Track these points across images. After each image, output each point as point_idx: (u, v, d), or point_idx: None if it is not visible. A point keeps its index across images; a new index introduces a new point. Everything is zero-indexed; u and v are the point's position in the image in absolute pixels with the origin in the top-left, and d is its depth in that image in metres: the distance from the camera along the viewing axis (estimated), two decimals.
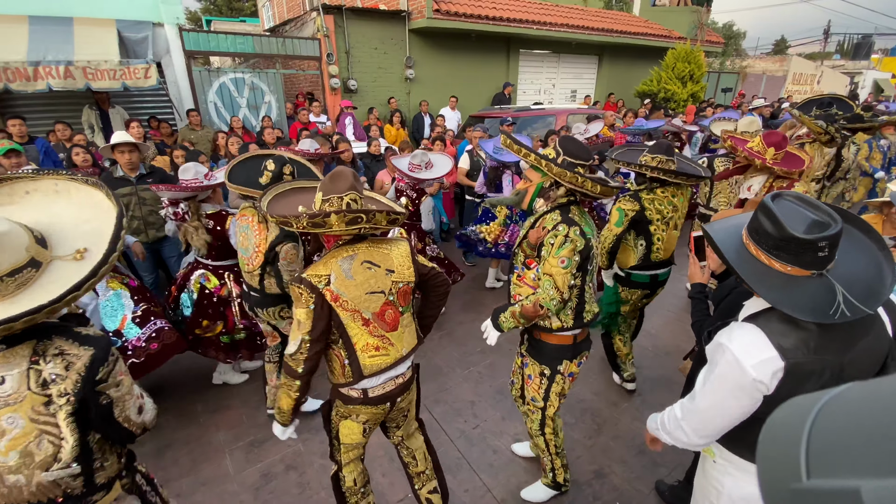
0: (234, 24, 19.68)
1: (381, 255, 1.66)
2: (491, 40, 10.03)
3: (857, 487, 0.29)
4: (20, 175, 1.26)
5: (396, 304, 1.69)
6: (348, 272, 1.59)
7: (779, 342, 1.07)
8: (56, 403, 1.11)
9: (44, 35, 5.84)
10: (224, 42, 7.50)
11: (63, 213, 1.25)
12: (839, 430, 0.34)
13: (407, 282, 1.72)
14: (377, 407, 1.76)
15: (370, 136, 6.45)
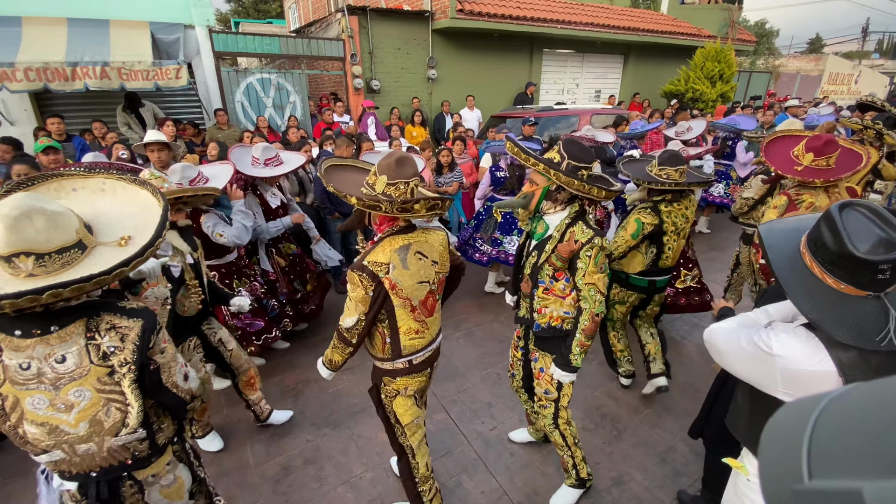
0: (261, 25, 20.11)
1: (428, 246, 1.74)
2: (514, 40, 9.97)
3: (860, 488, 0.29)
4: (72, 172, 1.32)
5: (436, 292, 1.81)
6: (405, 262, 1.67)
7: (838, 357, 0.99)
8: (119, 372, 1.21)
9: (82, 37, 6.08)
10: (252, 43, 7.66)
11: (107, 209, 1.30)
12: (841, 431, 0.34)
13: (445, 272, 1.84)
14: (422, 374, 1.87)
15: (391, 135, 6.49)
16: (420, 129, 7.84)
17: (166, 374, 1.32)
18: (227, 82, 7.40)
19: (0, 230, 1.04)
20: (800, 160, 2.81)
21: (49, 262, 1.09)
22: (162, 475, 1.40)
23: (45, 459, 1.23)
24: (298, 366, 3.48)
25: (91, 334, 1.18)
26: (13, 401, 1.14)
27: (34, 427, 1.17)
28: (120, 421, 1.23)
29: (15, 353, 1.12)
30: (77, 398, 1.17)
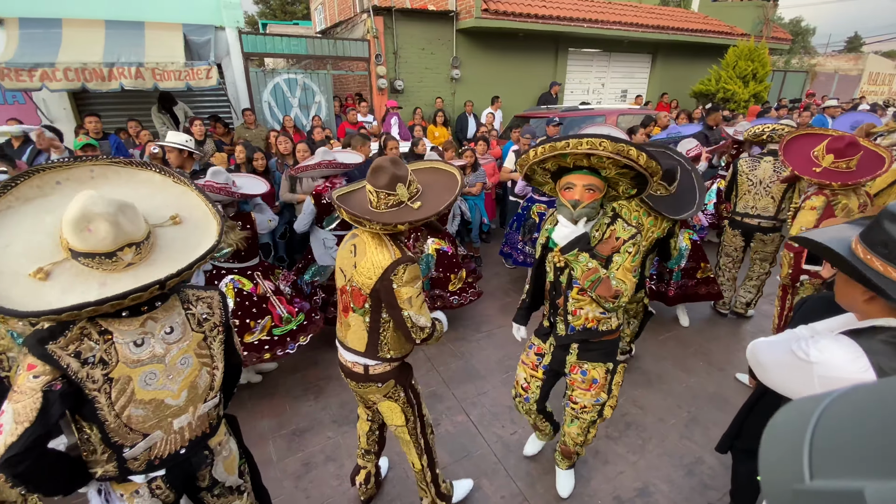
0: (288, 26, 20.49)
1: (363, 248, 1.69)
2: (539, 39, 9.87)
3: (861, 488, 0.28)
4: (52, 165, 1.24)
5: (350, 297, 1.76)
6: (343, 243, 1.81)
7: (879, 363, 0.96)
8: (210, 336, 1.34)
9: (118, 38, 6.30)
10: (279, 44, 7.80)
11: (116, 194, 1.23)
12: (843, 431, 0.34)
13: (359, 287, 1.70)
14: (340, 369, 1.95)
15: (414, 136, 6.50)
16: (442, 129, 7.84)
17: (234, 337, 1.48)
18: (255, 82, 7.55)
19: (104, 228, 1.08)
20: (819, 161, 2.71)
21: (143, 248, 1.17)
22: (224, 444, 1.48)
23: (142, 447, 1.24)
24: (320, 363, 3.51)
25: (186, 305, 1.31)
26: (125, 381, 1.18)
27: (140, 408, 1.21)
28: (208, 385, 1.35)
29: (127, 331, 1.18)
30: (182, 365, 1.28)
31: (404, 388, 1.90)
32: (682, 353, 3.57)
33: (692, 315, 4.09)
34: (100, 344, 1.14)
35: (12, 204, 1.19)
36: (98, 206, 1.08)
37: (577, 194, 1.68)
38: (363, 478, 2.26)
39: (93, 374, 1.13)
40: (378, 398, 1.90)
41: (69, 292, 1.07)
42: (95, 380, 1.13)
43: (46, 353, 1.08)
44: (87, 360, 1.12)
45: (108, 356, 1.15)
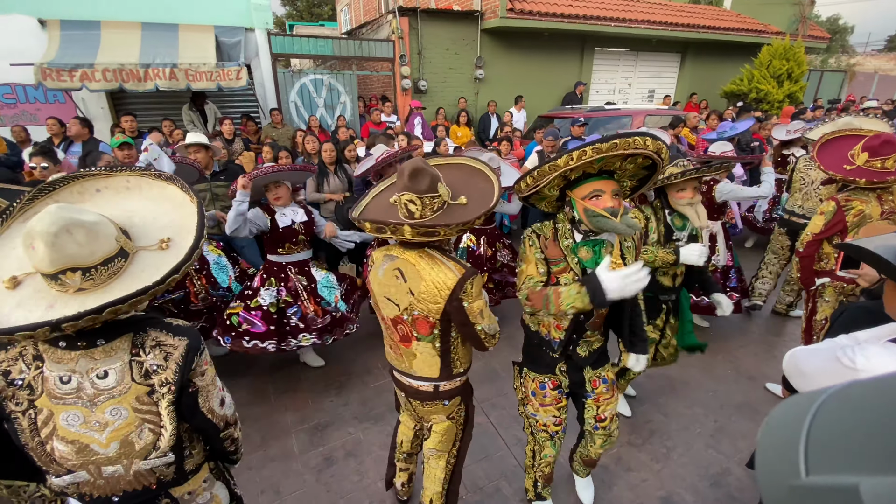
0: (314, 28, 20.83)
1: (414, 272, 1.53)
2: (565, 38, 9.76)
3: (856, 484, 0.29)
4: (93, 173, 1.26)
5: (412, 326, 1.60)
6: (381, 270, 1.63)
7: None
8: (158, 392, 1.14)
9: (153, 40, 6.53)
10: (306, 45, 7.94)
11: (137, 208, 1.25)
12: (838, 427, 0.34)
13: (425, 315, 1.55)
14: (399, 389, 1.86)
15: (437, 136, 6.52)
16: (465, 129, 7.84)
17: (203, 398, 1.23)
18: (283, 83, 7.70)
19: (42, 249, 0.99)
20: (854, 160, 2.62)
21: (96, 274, 1.05)
22: (198, 493, 1.33)
23: (67, 481, 1.14)
24: (343, 360, 3.56)
25: (136, 350, 1.13)
26: (47, 415, 1.09)
27: (63, 444, 1.10)
28: (151, 444, 1.17)
29: (57, 364, 1.08)
30: (113, 417, 1.12)
31: (466, 405, 1.86)
32: (709, 360, 3.48)
33: (721, 322, 3.98)
34: (31, 369, 1.08)
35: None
36: (41, 224, 0.99)
37: (610, 201, 1.55)
38: (406, 478, 2.24)
39: (18, 396, 1.07)
40: (440, 418, 1.80)
41: (21, 307, 1.03)
42: (19, 402, 1.08)
43: None
44: (13, 381, 1.07)
45: (35, 383, 1.08)
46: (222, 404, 1.31)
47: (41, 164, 3.27)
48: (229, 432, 1.35)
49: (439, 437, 1.86)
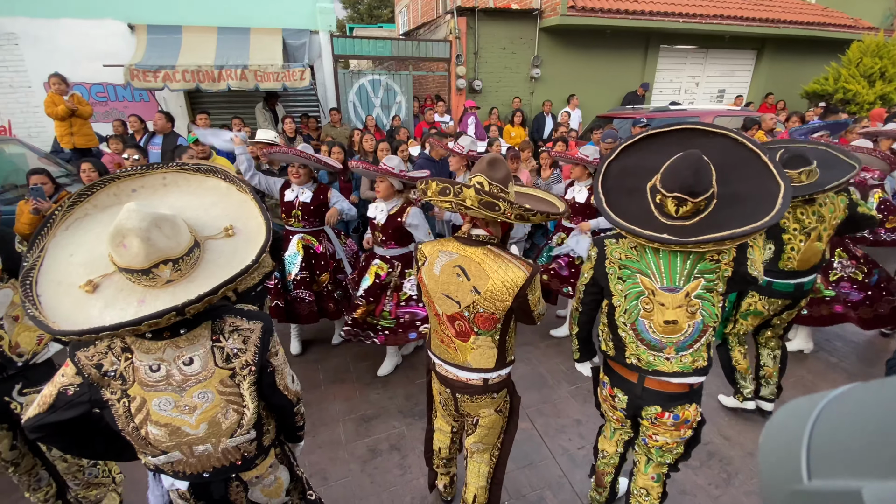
0: (373, 30, 21.40)
1: (478, 270, 1.54)
2: (627, 36, 9.37)
3: (859, 489, 0.28)
4: (128, 173, 1.27)
5: (472, 323, 1.61)
6: (438, 266, 1.63)
7: None
8: (240, 375, 1.21)
9: (227, 43, 6.97)
10: (366, 46, 8.16)
11: (182, 203, 1.26)
12: (841, 431, 0.33)
13: (490, 312, 1.56)
14: (439, 383, 1.84)
15: (490, 136, 6.47)
16: (519, 129, 7.73)
17: (279, 377, 1.31)
18: (343, 83, 7.96)
19: (136, 245, 1.03)
20: None
21: (183, 265, 1.10)
22: (264, 476, 1.40)
23: (162, 461, 1.22)
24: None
25: (216, 336, 1.19)
26: (140, 402, 1.15)
27: (157, 428, 1.17)
28: (236, 423, 1.24)
29: (146, 355, 1.14)
30: (201, 400, 1.18)
31: (512, 397, 1.86)
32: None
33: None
34: (121, 361, 1.14)
35: (89, 212, 1.22)
36: (131, 221, 1.03)
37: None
38: (448, 481, 2.25)
39: (112, 386, 1.14)
40: (488, 412, 1.80)
41: (110, 307, 1.07)
42: (114, 391, 1.15)
43: (75, 359, 1.14)
44: (106, 373, 1.14)
45: (126, 374, 1.14)
46: (293, 381, 1.40)
47: (133, 155, 3.58)
48: (299, 408, 1.44)
49: (485, 432, 1.85)
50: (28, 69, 6.84)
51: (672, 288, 1.56)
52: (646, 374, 1.66)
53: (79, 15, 6.76)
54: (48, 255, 1.14)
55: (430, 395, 2.04)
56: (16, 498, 2.30)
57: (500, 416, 1.83)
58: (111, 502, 2.12)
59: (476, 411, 1.81)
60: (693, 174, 1.44)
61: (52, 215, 1.19)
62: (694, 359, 1.62)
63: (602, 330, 1.80)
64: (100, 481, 2.06)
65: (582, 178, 3.58)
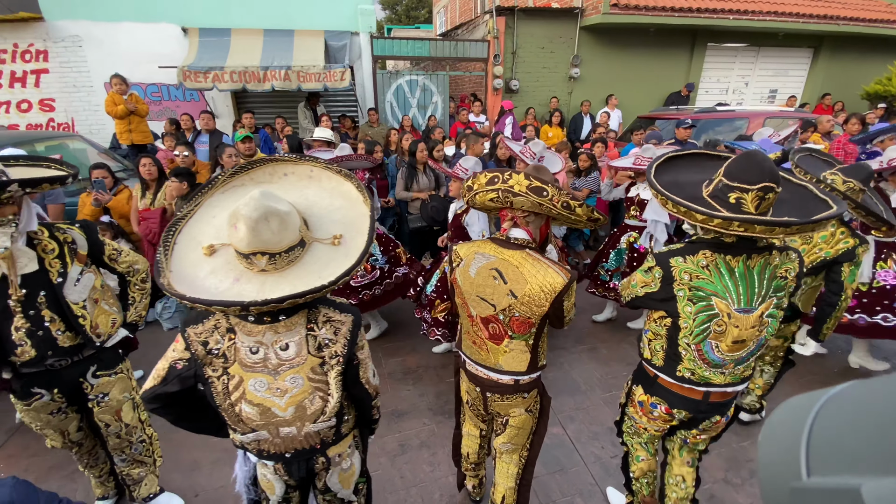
0: (411, 30, 21.61)
1: (516, 274, 1.53)
2: (672, 34, 9.07)
3: (858, 486, 0.28)
4: (284, 158, 1.38)
5: (507, 326, 1.59)
6: (474, 269, 1.61)
7: None
8: (328, 364, 1.26)
9: (273, 45, 7.22)
10: (405, 47, 8.26)
11: (315, 198, 1.33)
12: (840, 429, 0.34)
13: (527, 316, 1.55)
14: (470, 383, 1.82)
15: (526, 136, 6.41)
16: (557, 129, 7.62)
17: (363, 370, 1.36)
18: (381, 83, 8.09)
19: (243, 231, 1.11)
20: None
21: (279, 260, 1.16)
22: (344, 457, 1.45)
23: (250, 438, 1.30)
24: (420, 350, 3.64)
25: (311, 325, 1.24)
26: (238, 381, 1.23)
27: (250, 407, 1.24)
28: (320, 409, 1.29)
29: (247, 336, 1.21)
30: (292, 384, 1.24)
31: (542, 397, 1.85)
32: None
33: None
34: (225, 340, 1.21)
35: (245, 183, 1.34)
36: (247, 208, 1.10)
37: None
38: (476, 482, 2.25)
39: (214, 363, 1.22)
40: (519, 411, 1.79)
41: (213, 275, 1.16)
42: (215, 368, 1.22)
43: (185, 335, 1.22)
44: (211, 351, 1.21)
45: (229, 353, 1.21)
46: (374, 375, 1.45)
47: (183, 152, 3.78)
48: (377, 401, 1.50)
49: (515, 432, 1.84)
50: (90, 70, 7.32)
51: (748, 309, 1.49)
52: (709, 389, 1.63)
53: (137, 19, 7.18)
54: (199, 211, 1.28)
55: (459, 396, 2.05)
56: (70, 471, 2.47)
57: (530, 415, 1.82)
58: (150, 484, 2.22)
59: (506, 410, 1.80)
60: (769, 165, 1.40)
61: (214, 178, 1.31)
62: (744, 369, 1.62)
63: (650, 339, 1.73)
64: (142, 459, 2.17)
65: (643, 177, 3.57)
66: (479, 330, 1.68)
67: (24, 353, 1.70)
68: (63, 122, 7.54)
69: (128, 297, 2.09)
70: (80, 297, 1.81)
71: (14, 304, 1.66)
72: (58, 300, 1.74)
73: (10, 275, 1.64)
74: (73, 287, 1.78)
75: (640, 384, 1.82)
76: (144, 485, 2.20)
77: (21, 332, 1.68)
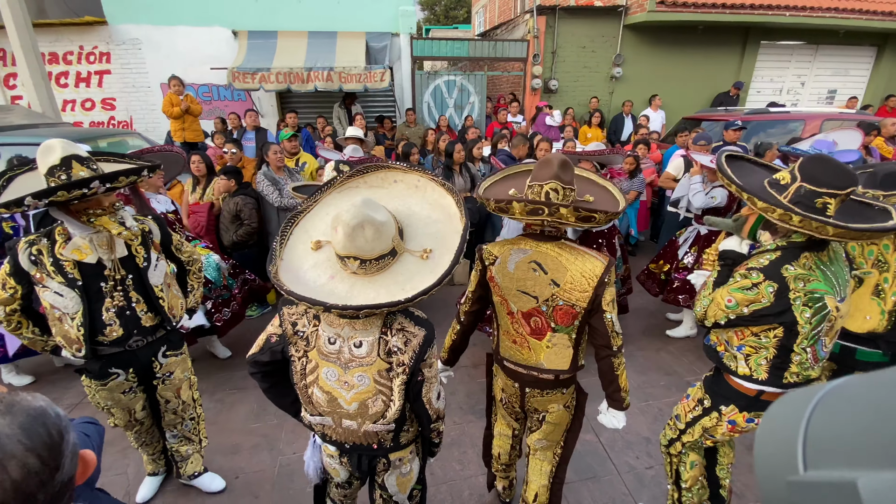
0: (448, 31, 21.69)
1: (555, 263, 1.56)
2: (723, 32, 8.68)
3: (854, 479, 0.28)
4: (396, 165, 1.43)
5: (550, 318, 1.60)
6: (512, 264, 1.63)
7: None
8: (395, 371, 1.28)
9: (316, 47, 7.43)
10: (444, 47, 8.30)
11: (417, 209, 1.37)
12: (837, 422, 0.34)
13: (570, 303, 1.55)
14: (507, 378, 1.81)
15: (564, 136, 6.31)
16: (596, 130, 7.46)
17: (426, 388, 1.35)
18: (419, 84, 8.17)
19: (341, 235, 1.18)
20: None
21: (369, 266, 1.21)
22: (405, 462, 1.49)
23: (317, 420, 1.39)
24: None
25: (385, 330, 1.27)
26: (314, 365, 1.31)
27: (321, 392, 1.32)
28: (381, 412, 1.32)
29: (329, 327, 1.28)
30: (358, 381, 1.29)
31: (579, 394, 1.85)
32: None
33: None
34: (310, 326, 1.30)
35: (359, 185, 1.42)
36: (347, 215, 1.16)
37: None
38: (507, 483, 2.26)
39: (298, 344, 1.31)
40: (557, 407, 1.79)
41: (314, 269, 1.26)
42: (298, 349, 1.31)
43: (280, 312, 1.33)
44: (298, 332, 1.30)
45: (311, 338, 1.29)
46: (438, 397, 1.43)
47: (232, 149, 3.95)
48: (437, 425, 1.47)
49: (551, 428, 1.85)
50: (149, 71, 7.78)
51: (843, 298, 1.54)
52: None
53: (193, 23, 7.57)
54: (316, 207, 1.39)
55: (491, 396, 2.05)
56: (122, 447, 2.64)
57: (567, 412, 1.82)
58: (196, 462, 2.36)
59: (544, 406, 1.80)
60: (850, 169, 1.43)
61: (332, 180, 1.42)
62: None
63: (748, 354, 1.64)
64: (191, 436, 2.31)
65: (716, 179, 3.43)
66: (519, 327, 1.67)
67: (113, 332, 1.84)
68: (122, 120, 8.05)
69: (186, 285, 2.24)
70: (159, 280, 1.97)
71: (110, 286, 1.82)
72: (143, 283, 1.90)
73: (112, 255, 1.81)
74: (153, 272, 1.94)
75: (734, 404, 1.72)
76: (190, 463, 2.33)
77: (111, 311, 1.83)
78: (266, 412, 2.94)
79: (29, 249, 1.70)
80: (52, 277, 1.71)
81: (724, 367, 1.70)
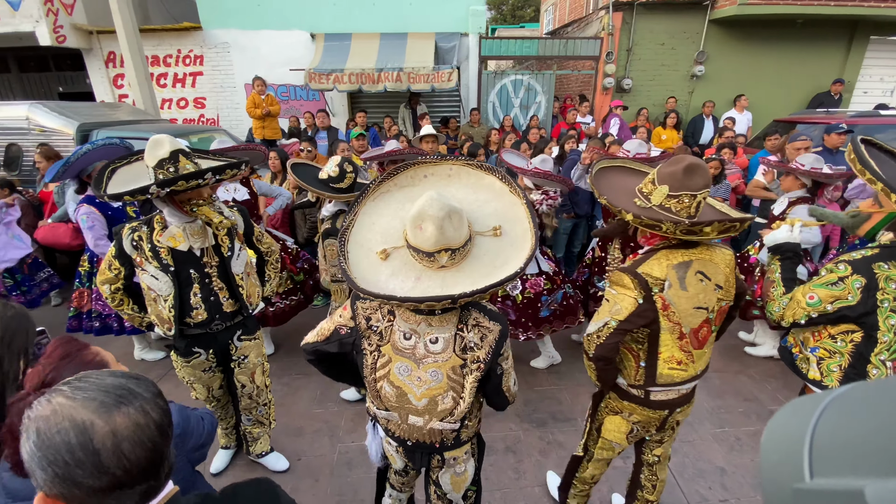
0: (515, 30, 21.41)
1: (713, 267, 1.48)
2: (826, 25, 7.81)
3: (861, 488, 0.28)
4: (424, 160, 1.42)
5: (713, 322, 1.53)
6: (683, 281, 1.44)
7: None
8: (469, 367, 1.28)
9: (387, 48, 7.63)
10: (512, 46, 8.21)
11: (461, 195, 1.34)
12: (843, 430, 0.33)
13: (729, 300, 1.54)
14: (654, 412, 1.64)
15: (636, 138, 5.98)
16: (672, 132, 7.00)
17: (506, 379, 1.36)
18: (485, 84, 8.14)
19: (431, 230, 1.15)
20: None
21: (457, 255, 1.20)
22: (459, 461, 1.48)
23: (382, 415, 1.39)
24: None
25: (461, 326, 1.27)
26: (386, 360, 1.30)
27: (390, 387, 1.32)
28: (449, 409, 1.31)
29: (404, 322, 1.28)
30: (431, 377, 1.28)
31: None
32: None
33: None
34: (384, 321, 1.30)
35: (390, 189, 1.41)
36: (432, 209, 1.15)
37: None
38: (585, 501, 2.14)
39: (371, 338, 1.31)
40: (689, 410, 1.74)
41: (395, 276, 1.23)
42: (371, 343, 1.31)
43: (354, 307, 1.34)
44: (371, 326, 1.31)
45: (385, 333, 1.29)
46: (514, 383, 1.45)
47: (307, 148, 4.15)
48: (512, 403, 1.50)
49: (678, 430, 1.82)
50: (235, 73, 8.39)
51: None
52: None
53: (275, 27, 8.07)
54: (358, 219, 1.37)
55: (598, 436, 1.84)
56: None
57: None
58: (264, 443, 2.51)
59: (685, 414, 1.74)
60: None
61: (364, 192, 1.40)
62: None
63: (822, 357, 1.52)
64: (262, 420, 2.45)
65: (793, 188, 3.15)
66: (687, 345, 1.53)
67: (198, 315, 2.00)
68: (210, 118, 8.76)
69: (264, 275, 2.37)
70: (240, 269, 2.10)
71: (202, 273, 1.97)
72: (227, 271, 2.04)
73: (205, 244, 1.96)
74: (236, 261, 2.08)
75: None
76: (259, 443, 2.48)
77: (198, 296, 1.99)
78: (328, 399, 3.06)
79: (131, 235, 1.87)
80: (150, 262, 1.88)
81: (797, 371, 1.61)
